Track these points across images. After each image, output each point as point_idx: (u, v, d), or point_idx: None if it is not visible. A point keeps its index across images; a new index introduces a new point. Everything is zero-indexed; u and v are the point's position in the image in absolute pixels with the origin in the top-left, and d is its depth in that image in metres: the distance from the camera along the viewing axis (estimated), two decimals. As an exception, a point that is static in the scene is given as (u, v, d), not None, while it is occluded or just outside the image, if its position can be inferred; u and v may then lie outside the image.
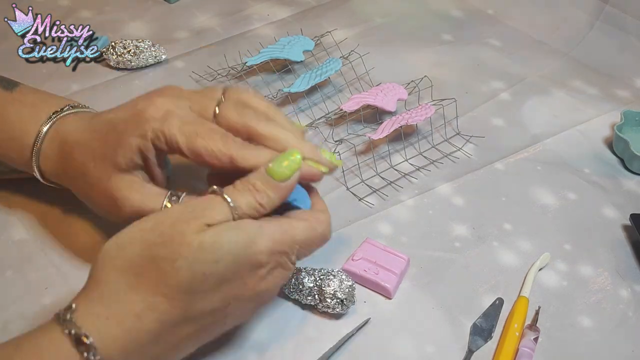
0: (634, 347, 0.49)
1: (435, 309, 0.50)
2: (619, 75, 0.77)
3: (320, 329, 0.47)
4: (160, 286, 0.36)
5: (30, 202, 0.54)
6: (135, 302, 0.36)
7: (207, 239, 0.37)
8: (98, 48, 0.55)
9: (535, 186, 0.61)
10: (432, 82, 0.67)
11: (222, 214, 0.38)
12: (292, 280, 0.48)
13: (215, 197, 0.39)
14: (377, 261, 0.51)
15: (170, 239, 0.37)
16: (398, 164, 0.62)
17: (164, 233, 0.37)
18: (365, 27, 0.81)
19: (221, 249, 0.37)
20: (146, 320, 0.36)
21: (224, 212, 0.38)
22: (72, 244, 0.51)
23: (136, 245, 0.37)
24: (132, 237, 0.38)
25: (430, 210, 0.58)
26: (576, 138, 0.67)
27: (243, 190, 0.40)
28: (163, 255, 0.36)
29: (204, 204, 0.39)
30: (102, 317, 0.36)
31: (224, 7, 0.82)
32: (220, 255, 0.37)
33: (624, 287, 0.53)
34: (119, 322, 0.36)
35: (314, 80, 0.65)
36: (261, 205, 0.40)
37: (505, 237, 0.56)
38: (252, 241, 0.38)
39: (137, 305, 0.36)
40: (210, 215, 0.38)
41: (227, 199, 0.39)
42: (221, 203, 0.39)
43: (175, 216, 0.38)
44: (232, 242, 0.37)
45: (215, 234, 0.37)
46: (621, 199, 0.61)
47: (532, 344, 0.47)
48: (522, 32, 0.83)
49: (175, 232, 0.37)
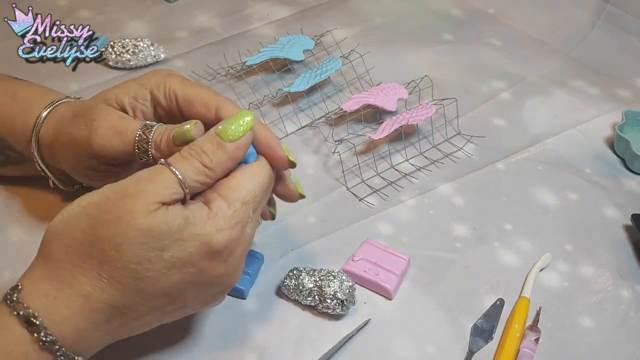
0: (635, 348, 0.48)
1: (435, 310, 0.50)
2: (620, 75, 0.77)
3: (320, 330, 0.47)
4: (105, 268, 0.35)
5: (28, 203, 0.54)
6: (82, 283, 0.35)
7: (154, 224, 0.35)
8: (98, 48, 0.55)
9: (536, 186, 0.61)
10: (432, 82, 0.67)
11: (169, 187, 0.37)
12: (292, 281, 0.48)
13: (163, 169, 0.37)
14: (378, 262, 0.51)
15: (116, 218, 0.35)
16: (398, 164, 0.62)
17: (110, 210, 0.36)
18: (366, 26, 0.81)
19: (169, 236, 0.36)
20: (94, 301, 0.35)
21: (172, 185, 0.37)
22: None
23: (81, 221, 0.36)
24: (78, 213, 0.36)
25: (431, 210, 0.58)
26: (577, 138, 0.67)
27: (190, 157, 0.38)
28: (107, 235, 0.35)
29: (151, 176, 0.37)
30: (50, 297, 0.35)
31: (224, 7, 0.81)
32: (167, 244, 0.36)
33: (625, 287, 0.53)
34: (67, 302, 0.35)
35: (314, 80, 0.65)
36: (210, 169, 0.38)
37: (506, 237, 0.56)
38: (205, 234, 0.37)
39: (83, 286, 0.35)
40: (156, 189, 0.36)
41: (174, 171, 0.37)
42: (169, 175, 0.37)
43: (122, 191, 0.36)
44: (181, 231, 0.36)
45: (162, 220, 0.36)
46: (622, 199, 0.61)
47: (533, 344, 0.47)
48: (522, 32, 0.83)
49: (121, 211, 0.35)
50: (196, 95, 0.43)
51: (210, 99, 0.43)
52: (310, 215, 0.56)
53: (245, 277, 0.48)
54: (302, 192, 0.46)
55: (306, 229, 0.55)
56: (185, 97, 0.44)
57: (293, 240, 0.53)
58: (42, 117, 0.47)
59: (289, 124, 0.65)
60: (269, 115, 0.65)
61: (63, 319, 0.35)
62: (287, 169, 0.44)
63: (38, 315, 0.35)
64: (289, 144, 0.62)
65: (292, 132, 0.64)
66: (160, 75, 0.45)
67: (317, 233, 0.54)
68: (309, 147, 0.63)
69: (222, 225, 0.38)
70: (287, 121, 0.65)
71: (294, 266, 0.49)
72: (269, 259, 0.51)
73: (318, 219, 0.56)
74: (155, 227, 0.35)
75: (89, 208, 0.36)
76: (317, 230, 0.54)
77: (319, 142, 0.63)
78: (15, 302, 0.35)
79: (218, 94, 0.44)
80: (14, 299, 0.35)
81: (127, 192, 0.36)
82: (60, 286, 0.36)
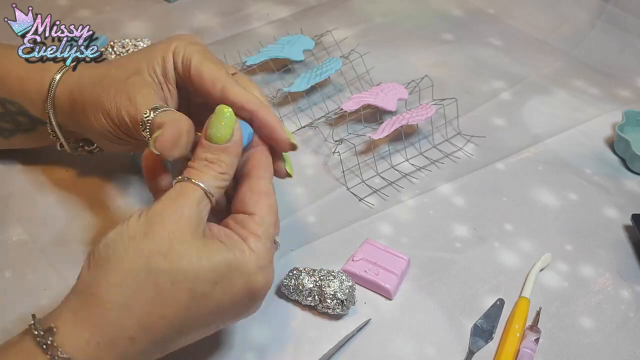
0: (635, 348, 0.48)
1: (435, 310, 0.49)
2: (620, 75, 0.77)
3: (320, 330, 0.47)
4: (158, 306, 0.35)
5: (29, 203, 0.54)
6: (131, 325, 0.34)
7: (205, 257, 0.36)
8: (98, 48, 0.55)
9: (536, 186, 0.61)
10: (432, 82, 0.67)
11: (201, 202, 0.38)
12: (292, 281, 0.48)
13: (187, 185, 0.38)
14: (378, 262, 0.51)
15: (169, 249, 0.35)
16: (398, 164, 0.62)
17: (161, 241, 0.35)
18: (366, 26, 0.81)
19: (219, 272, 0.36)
20: (140, 342, 0.35)
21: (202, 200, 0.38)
22: (70, 245, 0.51)
23: (131, 254, 0.35)
24: (125, 245, 0.35)
25: (430, 210, 0.57)
26: (577, 138, 0.67)
27: (202, 168, 0.39)
28: (162, 267, 0.35)
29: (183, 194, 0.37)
30: (92, 343, 0.34)
31: (224, 7, 0.81)
32: (218, 279, 0.36)
33: (625, 287, 0.53)
34: (111, 346, 0.34)
35: (314, 80, 0.65)
36: (224, 174, 0.39)
37: (506, 237, 0.56)
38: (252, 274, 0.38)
39: (133, 327, 0.34)
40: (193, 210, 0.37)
41: (197, 182, 0.38)
42: (195, 190, 0.38)
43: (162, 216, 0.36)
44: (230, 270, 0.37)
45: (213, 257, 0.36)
46: (622, 199, 0.61)
47: (533, 344, 0.47)
48: (523, 32, 0.83)
49: (172, 239, 0.35)
50: (208, 69, 0.44)
51: (219, 77, 0.44)
52: (310, 215, 0.56)
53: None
54: (290, 171, 0.46)
55: (306, 229, 0.55)
56: (197, 68, 0.45)
57: (293, 240, 0.53)
58: (57, 80, 0.48)
59: (289, 124, 0.65)
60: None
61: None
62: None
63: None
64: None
65: (292, 132, 0.64)
66: (183, 41, 0.46)
67: (317, 233, 0.54)
68: (309, 147, 0.63)
69: (263, 262, 0.39)
70: (287, 121, 0.65)
71: (294, 266, 0.49)
72: (269, 259, 0.51)
73: (318, 219, 0.56)
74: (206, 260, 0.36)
75: (137, 240, 0.35)
76: (317, 230, 0.54)
77: (319, 142, 0.63)
78: (51, 347, 0.33)
79: (229, 74, 0.45)
80: (48, 342, 0.33)
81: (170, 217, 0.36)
82: (106, 329, 0.34)
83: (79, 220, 0.53)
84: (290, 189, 0.58)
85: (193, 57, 0.45)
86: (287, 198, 0.57)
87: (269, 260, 0.40)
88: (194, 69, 0.45)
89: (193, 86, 0.45)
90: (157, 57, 0.46)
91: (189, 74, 0.45)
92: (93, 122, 0.46)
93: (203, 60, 0.45)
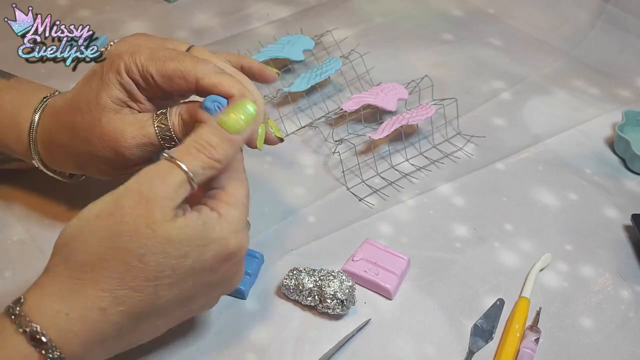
0: (635, 348, 0.48)
1: (435, 310, 0.49)
2: (620, 75, 0.77)
3: (320, 330, 0.47)
4: (127, 279, 0.35)
5: (28, 203, 0.54)
6: (100, 296, 0.35)
7: (174, 233, 0.35)
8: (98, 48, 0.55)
9: (536, 186, 0.61)
10: (432, 82, 0.67)
11: (180, 186, 0.36)
12: (292, 281, 0.48)
13: (172, 167, 0.36)
14: (378, 262, 0.51)
15: (136, 229, 0.35)
16: (398, 164, 0.62)
17: (127, 220, 0.35)
18: (366, 26, 0.81)
19: (189, 243, 0.36)
20: (111, 312, 0.35)
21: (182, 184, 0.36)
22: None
23: (97, 232, 0.35)
24: (92, 226, 0.35)
25: (430, 210, 0.57)
26: (577, 138, 0.67)
27: (197, 152, 0.37)
28: (129, 247, 0.35)
29: (161, 176, 0.36)
30: (61, 313, 0.34)
31: (224, 7, 0.81)
32: (188, 250, 0.36)
33: (625, 287, 0.53)
34: (81, 317, 0.35)
35: (314, 80, 0.65)
36: (218, 161, 0.38)
37: (506, 237, 0.56)
38: (223, 237, 0.37)
39: (103, 299, 0.35)
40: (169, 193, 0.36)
41: (184, 168, 0.36)
42: (178, 173, 0.36)
43: (136, 197, 0.35)
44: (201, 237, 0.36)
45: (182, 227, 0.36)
46: (622, 199, 0.61)
47: (533, 344, 0.47)
48: (523, 32, 0.83)
49: (140, 221, 0.35)
50: (172, 70, 0.42)
51: (187, 72, 0.42)
52: (310, 215, 0.56)
53: (245, 277, 0.48)
54: (280, 135, 0.46)
55: (306, 229, 0.55)
56: (161, 74, 0.42)
57: (293, 240, 0.53)
58: (36, 122, 0.46)
59: (289, 124, 0.65)
60: (269, 115, 0.65)
61: (74, 336, 0.35)
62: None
63: (46, 333, 0.34)
64: (289, 144, 0.62)
65: (292, 132, 0.64)
66: (127, 55, 0.43)
67: (317, 233, 0.54)
68: (309, 147, 0.63)
69: (236, 227, 0.38)
70: (287, 121, 0.65)
71: (294, 266, 0.49)
72: (269, 259, 0.51)
73: (318, 219, 0.56)
74: (175, 235, 0.36)
75: (103, 218, 0.35)
76: (317, 230, 0.54)
77: (319, 142, 0.63)
78: (20, 316, 0.34)
79: (197, 60, 0.42)
80: (16, 312, 0.34)
81: (141, 199, 0.35)
82: (74, 303, 0.35)
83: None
84: (290, 189, 0.58)
85: (149, 67, 0.42)
86: (287, 198, 0.57)
87: (241, 226, 0.39)
88: (158, 76, 0.42)
89: (164, 91, 0.43)
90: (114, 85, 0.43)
91: (155, 84, 0.43)
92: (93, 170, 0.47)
93: (162, 64, 0.42)
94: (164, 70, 0.42)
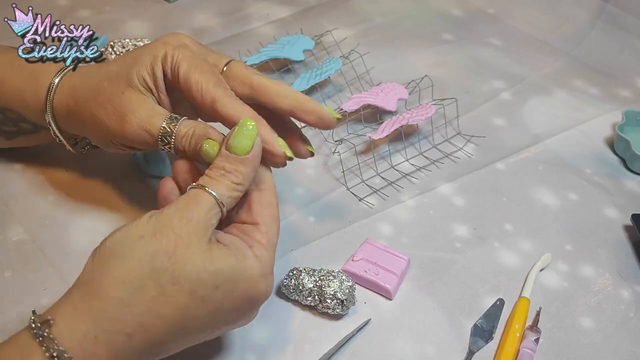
0: (635, 348, 0.48)
1: (435, 310, 0.49)
2: (620, 75, 0.77)
3: (320, 330, 0.47)
4: (158, 305, 0.35)
5: (28, 203, 0.54)
6: (129, 322, 0.34)
7: (209, 261, 0.36)
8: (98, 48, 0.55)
9: (536, 186, 0.61)
10: (432, 82, 0.67)
11: (212, 209, 0.38)
12: (292, 281, 0.48)
13: (201, 193, 0.38)
14: (378, 262, 0.51)
15: (175, 250, 0.36)
16: (398, 164, 0.62)
17: (168, 242, 0.36)
18: (366, 26, 0.81)
19: (223, 275, 0.37)
20: (136, 339, 0.35)
21: (213, 207, 0.38)
22: (70, 244, 0.51)
23: (137, 252, 0.35)
24: (132, 242, 0.36)
25: (430, 210, 0.57)
26: (577, 138, 0.67)
27: (218, 177, 0.39)
28: (166, 267, 0.35)
29: (194, 201, 0.38)
30: (89, 336, 0.34)
31: (224, 7, 0.81)
32: (221, 282, 0.37)
33: (625, 287, 0.53)
34: (108, 342, 0.34)
35: (314, 80, 0.65)
36: (239, 184, 0.40)
37: (506, 237, 0.56)
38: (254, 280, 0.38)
39: (131, 324, 0.34)
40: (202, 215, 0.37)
41: (211, 192, 0.38)
42: (208, 198, 0.38)
43: (174, 219, 0.37)
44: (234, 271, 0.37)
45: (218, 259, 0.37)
46: (622, 199, 0.61)
47: (533, 344, 0.47)
48: (523, 32, 0.83)
49: (179, 242, 0.36)
50: (195, 82, 0.43)
51: (207, 90, 0.43)
52: (310, 215, 0.56)
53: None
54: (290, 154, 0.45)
55: (306, 229, 0.55)
56: (185, 78, 0.44)
57: (293, 240, 0.53)
58: (55, 85, 0.47)
59: (289, 124, 0.65)
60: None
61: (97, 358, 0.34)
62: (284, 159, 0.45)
63: (73, 357, 0.33)
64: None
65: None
66: (172, 46, 0.45)
67: (317, 233, 0.54)
68: (309, 147, 0.63)
69: (266, 270, 0.39)
70: (287, 121, 0.65)
71: (294, 266, 0.49)
72: (269, 259, 0.51)
73: (318, 219, 0.56)
74: (210, 263, 0.36)
75: (145, 238, 0.36)
76: (317, 230, 0.54)
77: (319, 142, 0.63)
78: (48, 339, 0.33)
79: (219, 84, 0.44)
80: (44, 335, 0.33)
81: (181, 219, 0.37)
82: (105, 323, 0.34)
83: (79, 220, 0.53)
84: (290, 189, 0.58)
85: (181, 66, 0.44)
86: (287, 198, 0.57)
87: (271, 268, 0.40)
88: (182, 79, 0.44)
89: (183, 94, 0.45)
90: (146, 66, 0.45)
91: (178, 83, 0.44)
92: (92, 133, 0.47)
93: (191, 70, 0.44)
94: (188, 77, 0.44)
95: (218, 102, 0.43)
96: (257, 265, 0.38)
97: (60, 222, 0.52)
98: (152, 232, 0.36)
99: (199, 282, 0.36)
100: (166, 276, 0.35)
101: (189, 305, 0.36)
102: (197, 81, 0.43)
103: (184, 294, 0.36)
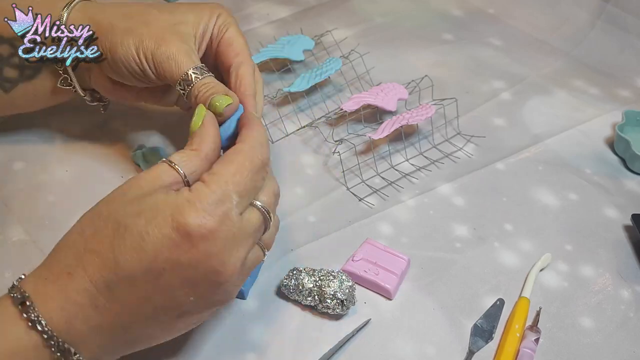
0: (635, 348, 0.48)
1: (435, 310, 0.49)
2: (620, 75, 0.77)
3: (320, 330, 0.47)
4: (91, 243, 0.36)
5: (28, 203, 0.54)
6: (69, 260, 0.36)
7: (132, 195, 0.37)
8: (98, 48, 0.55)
9: (536, 186, 0.61)
10: (432, 82, 0.67)
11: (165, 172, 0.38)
12: (292, 281, 0.48)
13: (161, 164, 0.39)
14: (378, 262, 0.51)
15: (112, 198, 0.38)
16: (398, 164, 0.62)
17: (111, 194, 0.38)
18: (366, 26, 0.81)
19: (146, 204, 0.37)
20: (78, 279, 0.36)
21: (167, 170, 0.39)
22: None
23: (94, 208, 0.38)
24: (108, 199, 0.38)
25: (430, 210, 0.57)
26: (577, 138, 0.67)
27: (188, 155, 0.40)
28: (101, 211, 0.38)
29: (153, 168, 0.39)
30: (41, 277, 0.37)
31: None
32: (143, 208, 0.36)
33: (625, 287, 0.53)
34: (54, 280, 0.36)
35: (314, 80, 0.65)
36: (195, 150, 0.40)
37: (506, 237, 0.56)
38: (179, 206, 0.36)
39: (70, 262, 0.36)
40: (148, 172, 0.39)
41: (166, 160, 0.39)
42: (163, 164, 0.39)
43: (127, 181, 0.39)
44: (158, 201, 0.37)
45: (144, 194, 0.37)
46: (622, 199, 0.61)
47: (533, 344, 0.47)
48: (523, 32, 0.83)
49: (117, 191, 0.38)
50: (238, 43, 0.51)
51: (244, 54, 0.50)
52: (310, 215, 0.56)
53: (245, 277, 0.48)
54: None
55: (306, 229, 0.55)
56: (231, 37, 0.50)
57: (293, 240, 0.53)
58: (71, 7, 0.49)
59: (289, 124, 0.65)
60: (269, 115, 0.65)
61: (49, 299, 0.35)
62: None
63: (29, 296, 0.35)
64: (289, 144, 0.63)
65: (292, 132, 0.64)
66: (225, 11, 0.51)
67: (317, 233, 0.54)
68: (309, 147, 0.63)
69: (195, 199, 0.36)
70: (287, 121, 0.65)
71: (294, 266, 0.49)
72: (269, 259, 0.51)
73: (318, 219, 0.56)
74: (132, 195, 0.37)
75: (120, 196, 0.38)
76: (317, 230, 0.54)
77: (319, 142, 0.63)
78: (15, 287, 0.36)
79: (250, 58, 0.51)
80: (14, 284, 0.37)
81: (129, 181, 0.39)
82: (53, 265, 0.37)
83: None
84: (290, 189, 0.58)
85: (230, 28, 0.50)
86: (287, 198, 0.57)
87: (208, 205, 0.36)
88: (227, 38, 0.50)
89: (214, 56, 0.51)
90: (204, 16, 0.50)
91: (217, 42, 0.50)
92: (118, 46, 0.48)
93: (238, 34, 0.51)
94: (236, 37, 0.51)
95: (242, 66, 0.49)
96: (186, 194, 0.36)
97: (60, 222, 0.52)
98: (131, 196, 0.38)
99: (123, 213, 0.36)
100: (99, 216, 0.37)
101: (114, 236, 0.36)
102: (240, 43, 0.50)
103: (111, 226, 0.36)
